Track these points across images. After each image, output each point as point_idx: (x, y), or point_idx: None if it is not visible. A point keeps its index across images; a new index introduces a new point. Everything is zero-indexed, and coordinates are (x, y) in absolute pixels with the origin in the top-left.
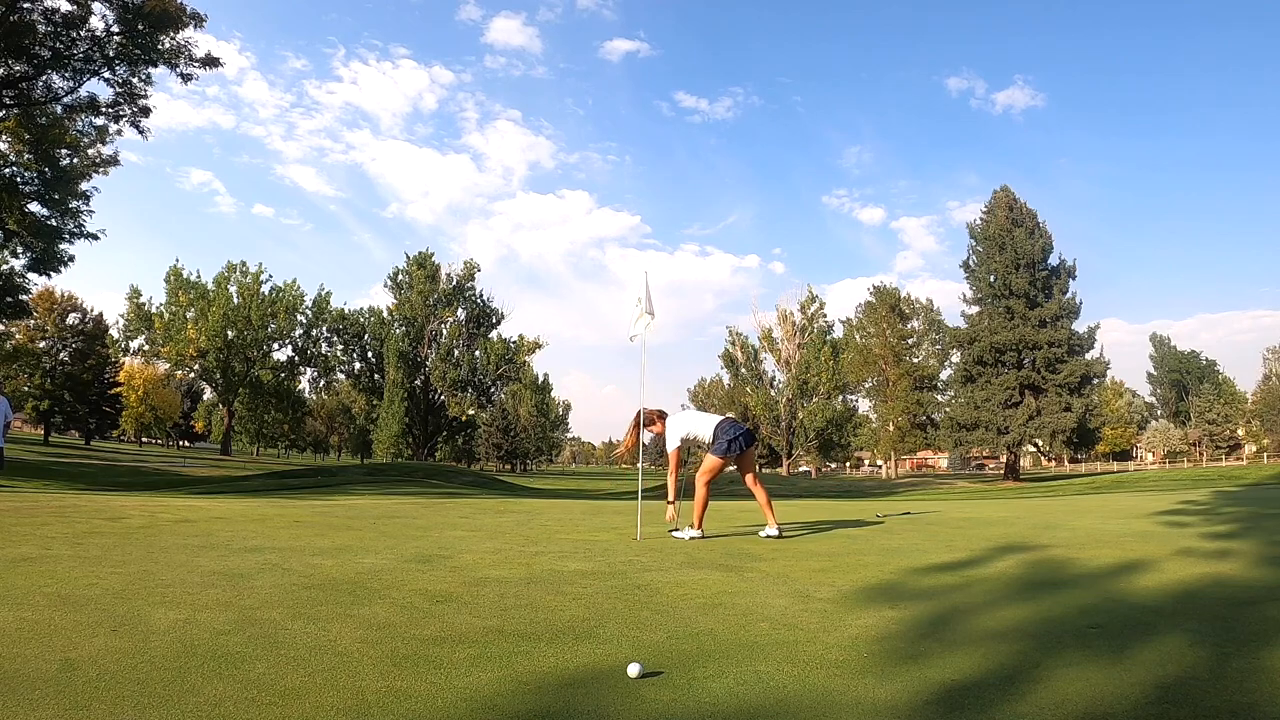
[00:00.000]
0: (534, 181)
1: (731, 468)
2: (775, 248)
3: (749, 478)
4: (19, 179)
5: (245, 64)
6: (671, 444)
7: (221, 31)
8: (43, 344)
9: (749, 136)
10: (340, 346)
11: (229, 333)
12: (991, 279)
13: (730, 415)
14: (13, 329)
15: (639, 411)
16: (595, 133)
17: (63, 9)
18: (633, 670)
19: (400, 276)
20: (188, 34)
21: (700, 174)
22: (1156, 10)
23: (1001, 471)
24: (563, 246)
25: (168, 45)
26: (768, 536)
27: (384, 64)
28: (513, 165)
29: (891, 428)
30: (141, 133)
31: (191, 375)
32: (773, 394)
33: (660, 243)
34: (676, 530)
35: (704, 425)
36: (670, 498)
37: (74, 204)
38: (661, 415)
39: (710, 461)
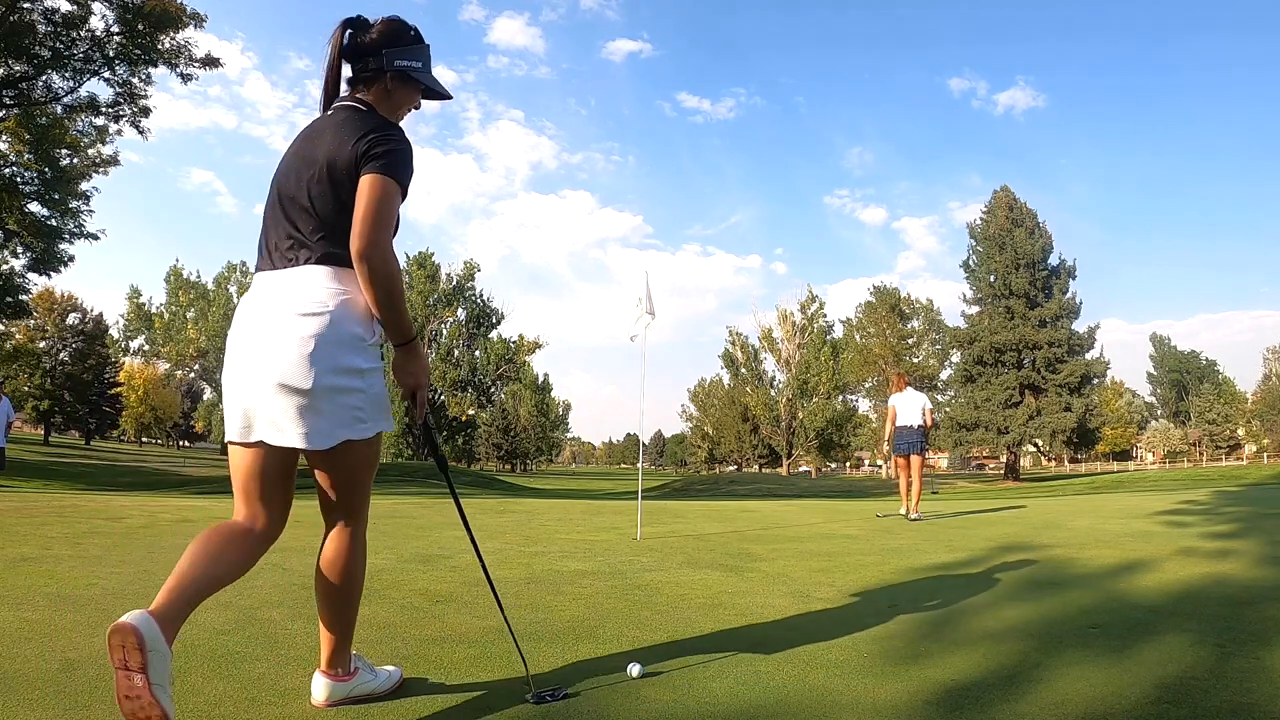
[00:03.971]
0: (536, 182)
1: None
2: (777, 248)
3: (912, 470)
4: (19, 179)
5: (247, 64)
6: (891, 402)
7: (224, 32)
8: (43, 344)
9: (751, 137)
10: None
11: None
12: (991, 279)
13: (919, 425)
14: (13, 329)
15: (900, 376)
16: (598, 133)
17: (63, 9)
18: (633, 670)
19: None
20: (188, 34)
21: (703, 174)
22: (1157, 11)
23: (1001, 471)
24: (565, 247)
25: (168, 45)
26: (914, 519)
27: None
28: (515, 165)
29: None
30: (141, 133)
31: (191, 375)
32: (773, 394)
33: (662, 243)
34: (915, 515)
35: (899, 414)
36: (884, 436)
37: (74, 204)
38: (903, 380)
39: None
